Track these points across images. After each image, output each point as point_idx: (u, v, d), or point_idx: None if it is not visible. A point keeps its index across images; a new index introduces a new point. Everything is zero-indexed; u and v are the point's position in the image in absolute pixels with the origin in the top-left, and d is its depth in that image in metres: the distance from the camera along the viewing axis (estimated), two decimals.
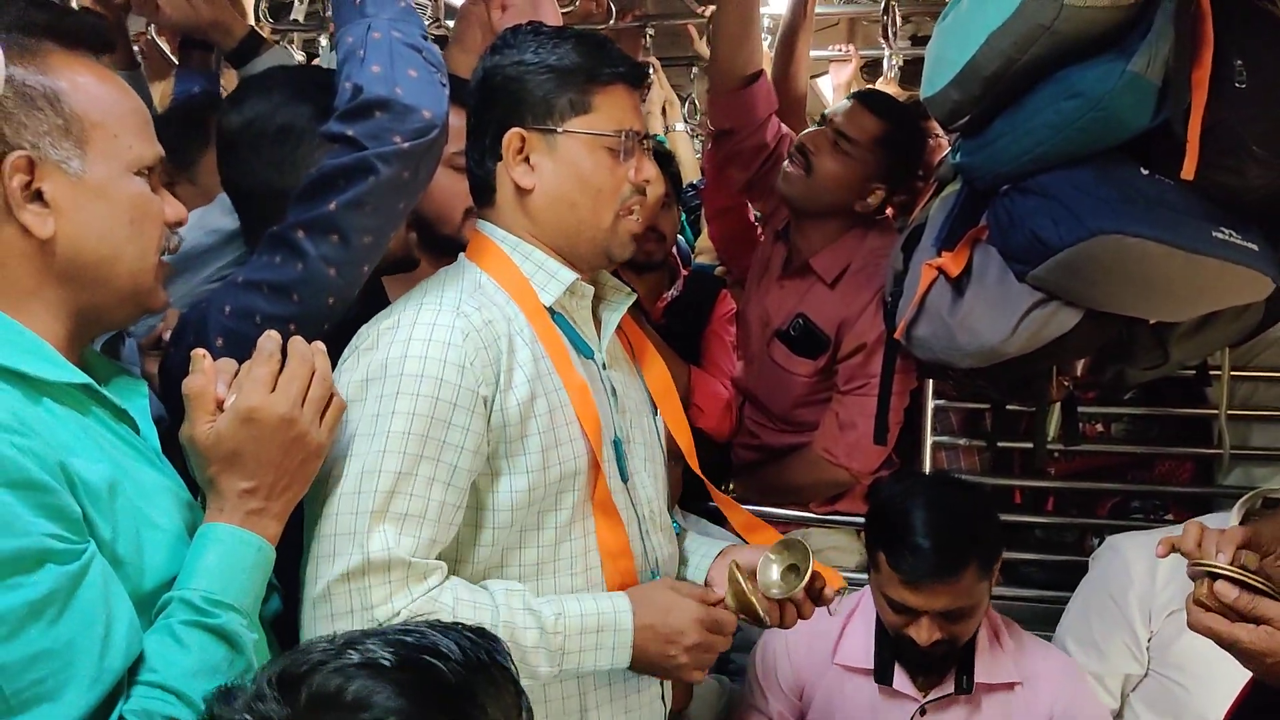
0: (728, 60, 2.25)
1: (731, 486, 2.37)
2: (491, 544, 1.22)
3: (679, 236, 3.08)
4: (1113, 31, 1.51)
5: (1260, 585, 1.05)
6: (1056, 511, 2.36)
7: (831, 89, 3.24)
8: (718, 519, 1.64)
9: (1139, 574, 1.71)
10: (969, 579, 1.60)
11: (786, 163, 2.18)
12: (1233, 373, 2.09)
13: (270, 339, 1.04)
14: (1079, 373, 1.94)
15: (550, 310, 1.29)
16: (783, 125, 2.37)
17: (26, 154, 0.93)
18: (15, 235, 0.94)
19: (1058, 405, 2.08)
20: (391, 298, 1.45)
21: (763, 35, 2.88)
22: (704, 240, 2.90)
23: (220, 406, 1.00)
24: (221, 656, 0.94)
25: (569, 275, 1.29)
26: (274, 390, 1.01)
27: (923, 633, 1.62)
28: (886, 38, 2.41)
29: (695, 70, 3.28)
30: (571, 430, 1.25)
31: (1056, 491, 2.36)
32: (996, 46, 1.53)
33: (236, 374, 1.03)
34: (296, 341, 1.04)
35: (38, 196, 0.94)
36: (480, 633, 0.83)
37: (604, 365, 1.36)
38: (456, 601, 1.14)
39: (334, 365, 1.24)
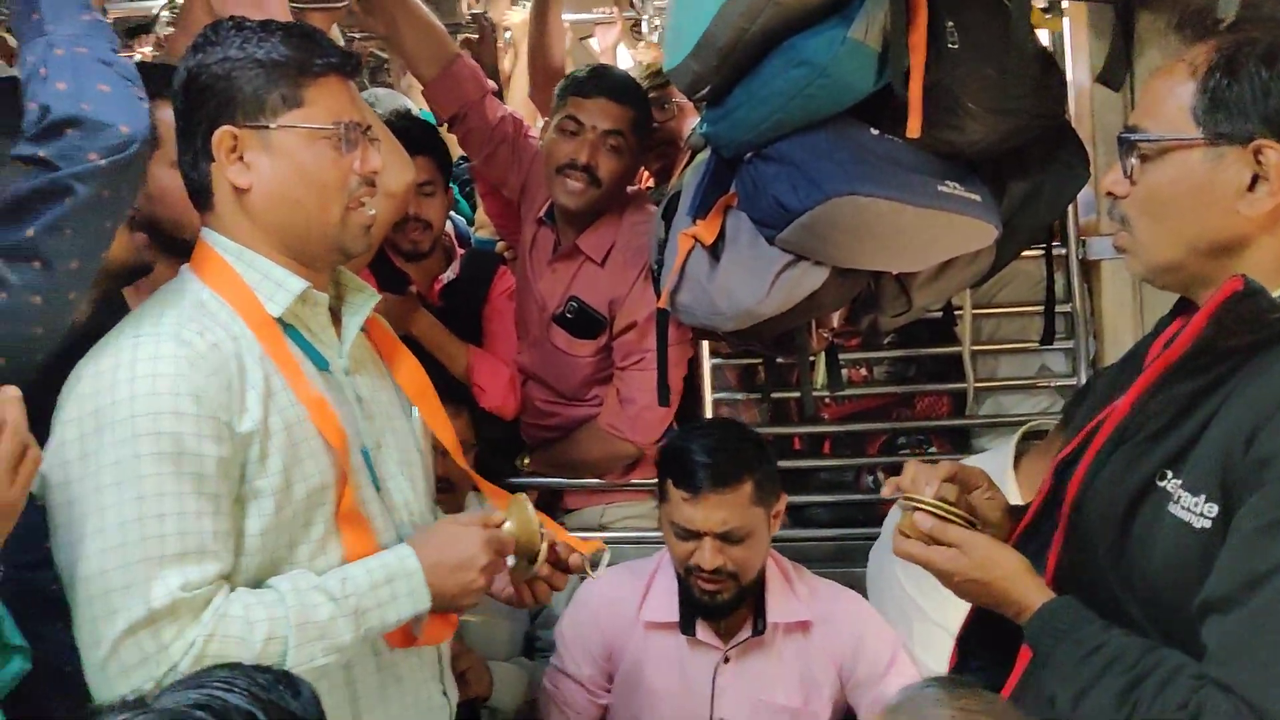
0: (416, 54, 2.25)
1: (527, 462, 2.38)
2: (248, 570, 1.18)
3: (458, 215, 3.02)
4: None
5: (951, 515, 1.17)
6: (833, 454, 2.48)
7: (599, 51, 3.25)
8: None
9: None
10: (745, 496, 1.73)
11: (566, 180, 2.17)
12: (975, 311, 2.25)
13: None
14: (835, 324, 2.04)
15: (281, 321, 1.24)
16: (503, 107, 2.38)
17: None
18: None
19: (822, 354, 2.20)
20: (131, 305, 1.36)
21: (524, 3, 2.85)
22: (482, 215, 2.86)
23: None
24: None
25: (298, 284, 1.25)
26: None
27: (706, 555, 1.72)
28: (633, 4, 2.42)
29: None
30: (312, 445, 1.21)
31: (831, 435, 2.48)
32: (727, 18, 1.56)
33: None
34: None
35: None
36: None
37: (347, 372, 1.32)
38: (246, 608, 1.12)
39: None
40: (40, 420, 1.10)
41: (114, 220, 1.21)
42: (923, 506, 1.17)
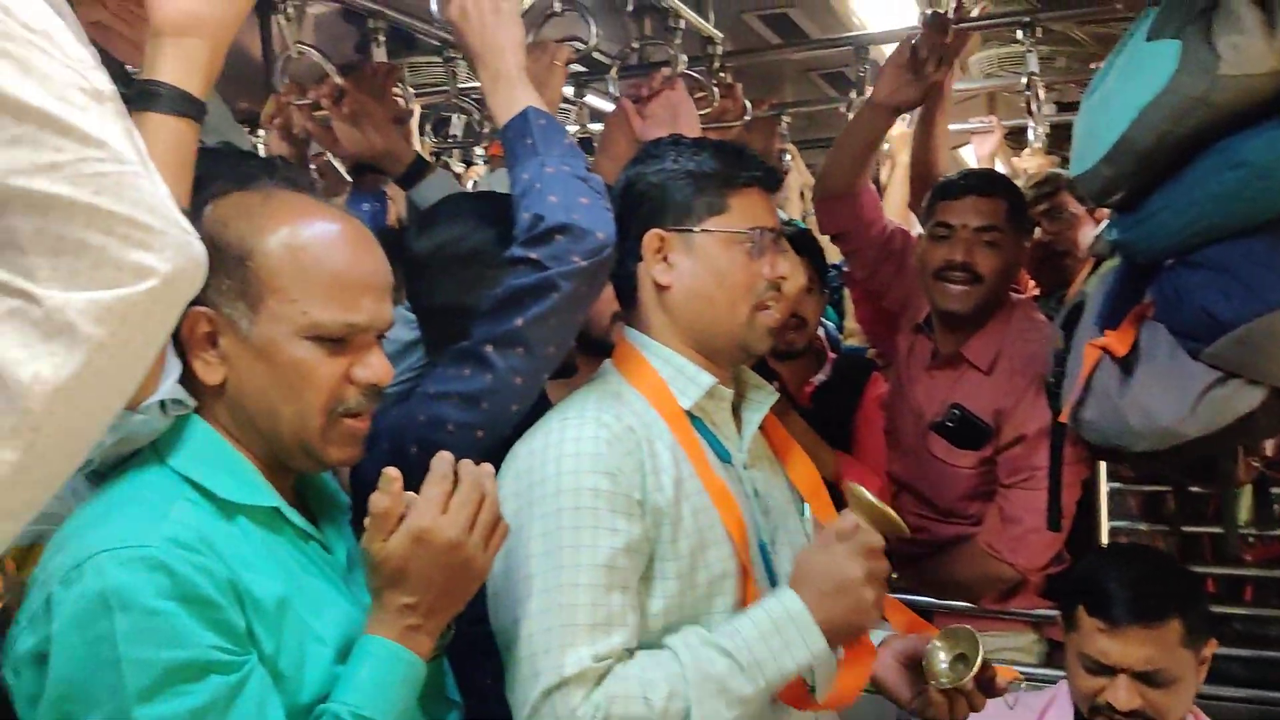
0: (828, 174, 2.31)
1: (894, 576, 2.30)
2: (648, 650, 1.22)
3: (826, 320, 3.07)
4: (1273, 97, 1.44)
5: None
6: (1256, 602, 2.17)
7: (976, 161, 3.19)
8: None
9: None
10: (1172, 635, 1.54)
11: (945, 284, 2.14)
12: None
13: (443, 460, 1.07)
14: (1269, 452, 1.81)
15: (689, 414, 1.32)
16: (892, 221, 2.38)
17: (205, 310, 1.00)
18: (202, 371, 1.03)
19: (1249, 486, 1.95)
20: (553, 399, 1.51)
21: (905, 116, 2.88)
22: (851, 322, 2.88)
23: (397, 524, 1.04)
24: None
25: (707, 379, 1.33)
26: (445, 512, 1.04)
27: (1121, 694, 1.54)
28: (1030, 112, 2.37)
29: None
30: (716, 534, 1.26)
31: (1255, 580, 2.17)
32: (1149, 121, 1.47)
33: None
34: (466, 465, 1.07)
35: (214, 344, 1.02)
36: None
37: (745, 466, 1.37)
38: (643, 669, 1.17)
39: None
40: None
41: (583, 314, 1.36)
42: None
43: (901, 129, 2.88)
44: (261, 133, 2.02)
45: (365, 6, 1.79)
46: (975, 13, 2.24)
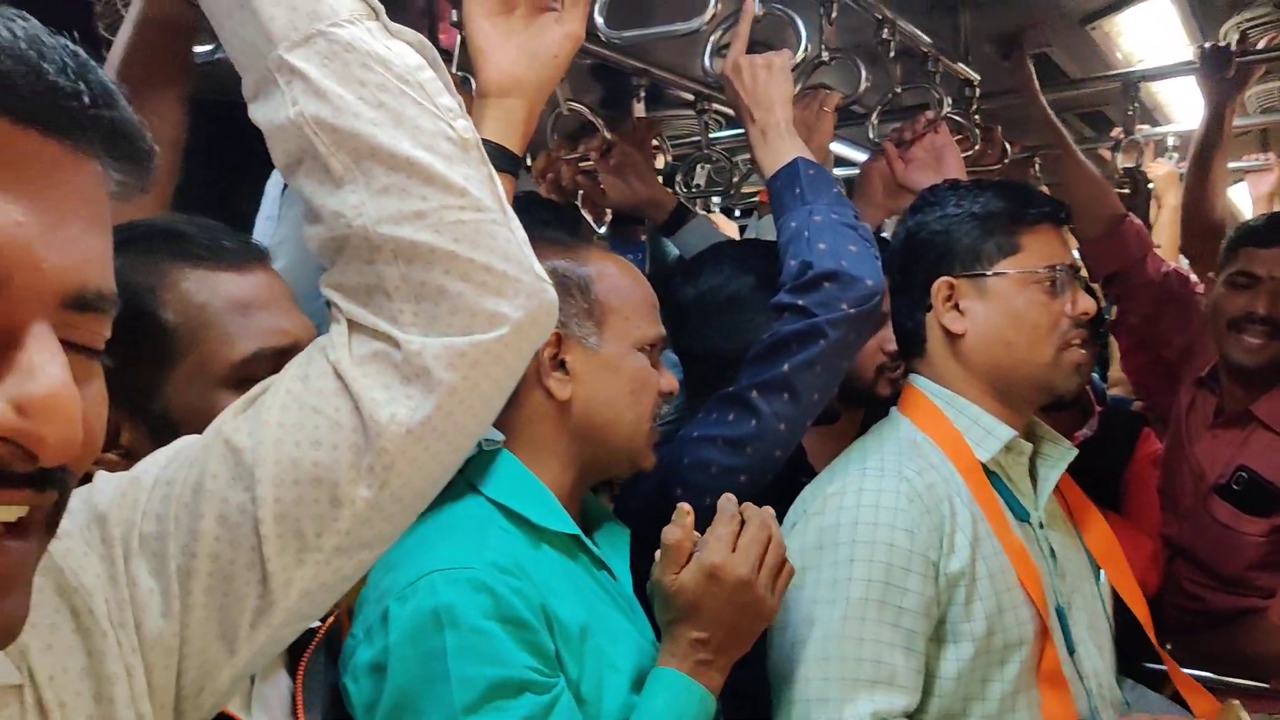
0: (1083, 210, 2.15)
1: (1168, 648, 2.12)
2: (936, 713, 1.18)
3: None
4: None
5: None
6: None
7: (1251, 201, 2.95)
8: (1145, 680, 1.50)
9: None
10: None
11: (1241, 336, 1.98)
12: None
13: (730, 501, 1.09)
14: None
15: (984, 468, 1.27)
16: (1167, 262, 2.22)
17: (557, 331, 1.08)
18: (542, 398, 1.10)
19: None
20: (808, 448, 1.50)
21: (1172, 154, 2.71)
22: (1116, 371, 2.70)
23: (689, 559, 1.07)
24: None
25: (1006, 432, 1.28)
26: (735, 551, 1.05)
27: None
28: None
29: None
30: (1015, 596, 1.20)
31: None
32: None
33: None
34: (751, 507, 1.09)
35: (561, 365, 1.10)
36: None
37: (1041, 525, 1.30)
38: None
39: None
40: None
41: (849, 362, 1.35)
42: None
43: (1167, 168, 2.71)
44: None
45: (631, 65, 1.87)
46: (1262, 44, 2.08)
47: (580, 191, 2.00)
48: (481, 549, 0.99)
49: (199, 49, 1.26)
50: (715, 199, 2.78)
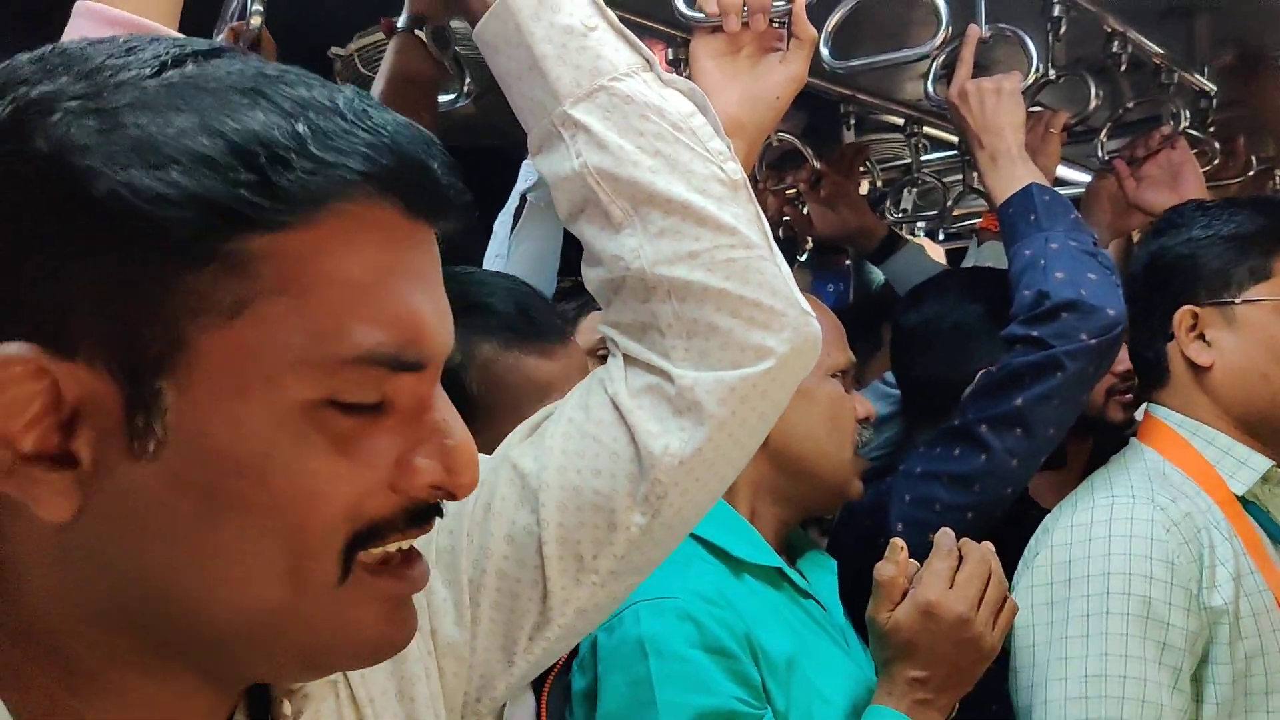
0: None
1: None
2: None
3: None
4: None
5: None
6: None
7: None
8: None
9: None
10: None
11: None
12: None
13: (947, 536, 1.05)
14: None
15: (1242, 500, 1.18)
16: None
17: None
18: None
19: None
20: (1033, 492, 1.42)
21: None
22: None
23: (903, 596, 1.04)
24: None
25: (1262, 462, 1.18)
26: (952, 587, 1.02)
27: None
28: None
29: None
30: (1278, 638, 1.11)
31: None
32: None
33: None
34: (970, 542, 1.05)
35: None
36: None
37: None
38: None
39: None
40: None
41: (1087, 395, 1.28)
42: None
43: None
44: None
45: (838, 92, 1.87)
46: None
47: (786, 220, 2.01)
48: (685, 580, 0.99)
49: (442, 98, 1.35)
50: (921, 224, 2.72)
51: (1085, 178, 2.20)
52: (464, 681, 0.67)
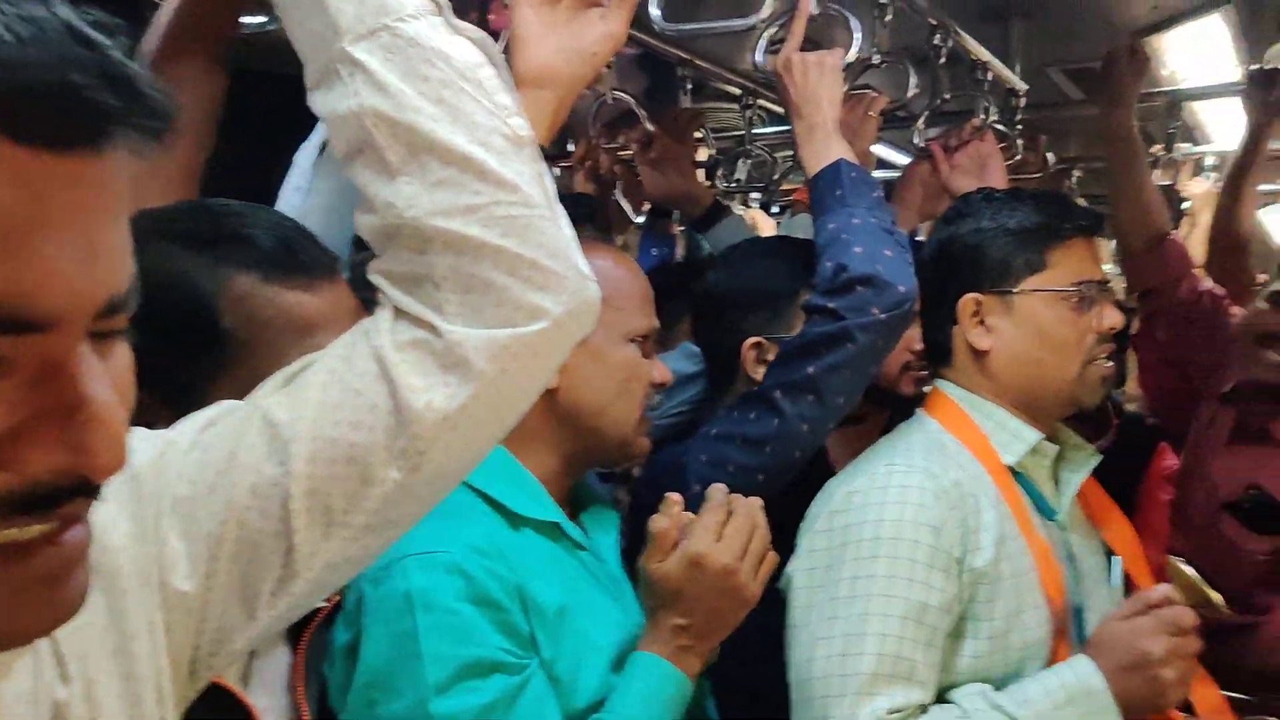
0: (1128, 225, 2.13)
1: None
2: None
3: None
4: None
5: None
6: None
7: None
8: None
9: None
10: None
11: (1268, 353, 1.93)
12: None
13: (718, 490, 1.08)
14: None
15: (1012, 470, 1.25)
16: (1204, 281, 2.15)
17: None
18: None
19: None
20: (831, 450, 1.47)
21: (1209, 174, 2.70)
22: (1133, 386, 2.70)
23: (674, 547, 1.06)
24: None
25: (1033, 435, 1.25)
26: (720, 540, 1.05)
27: None
28: None
29: None
30: (1035, 597, 1.18)
31: None
32: None
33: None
34: (739, 497, 1.08)
35: None
36: None
37: (1062, 527, 1.28)
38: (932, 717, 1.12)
39: (782, 510, 1.25)
40: None
41: (877, 368, 1.32)
42: None
43: (1206, 186, 2.70)
44: (554, 171, 2.15)
45: (678, 56, 1.88)
46: None
47: (618, 181, 2.02)
48: (459, 533, 0.98)
49: (249, 20, 1.25)
50: (755, 195, 2.79)
51: (905, 160, 2.31)
52: (193, 635, 0.64)
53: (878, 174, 2.44)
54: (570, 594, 1.03)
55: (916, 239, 1.77)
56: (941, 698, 1.16)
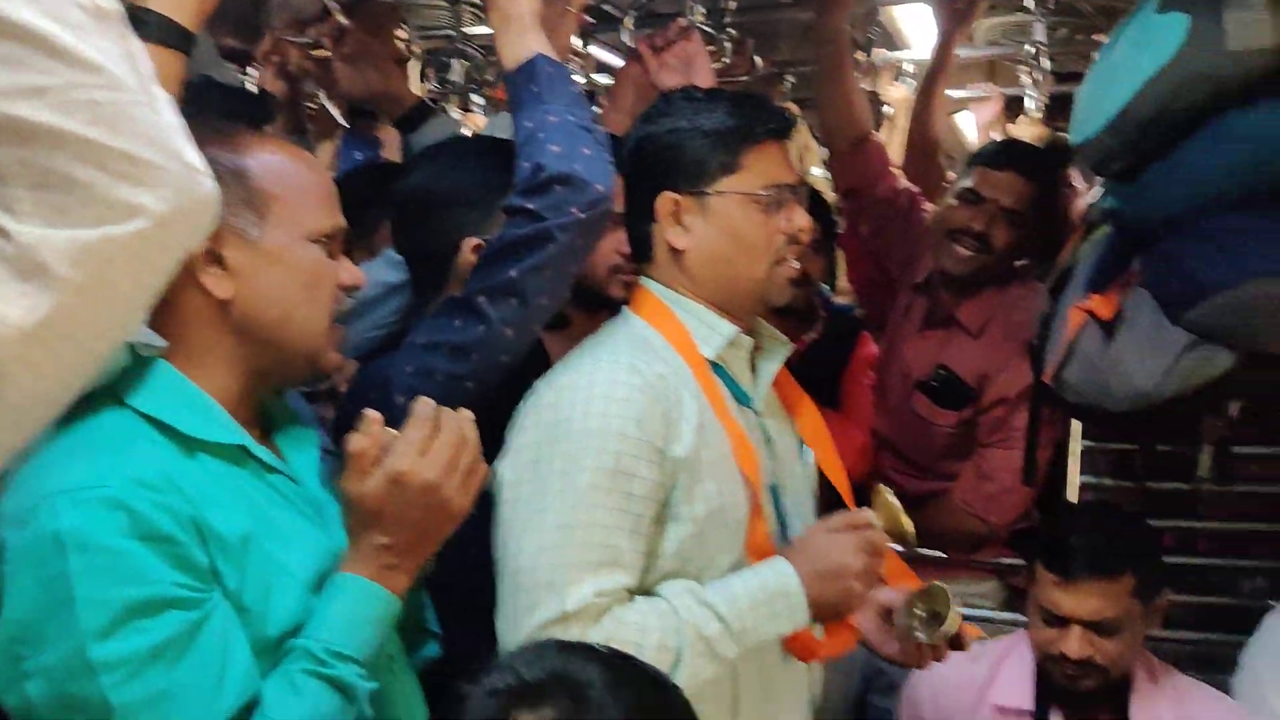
0: (833, 127, 2.27)
1: None
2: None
3: None
4: (1275, 72, 1.46)
5: None
6: (1209, 552, 2.21)
7: (976, 129, 3.19)
8: None
9: None
10: (1123, 587, 1.57)
11: (956, 246, 2.11)
12: None
13: (424, 404, 1.03)
14: (1233, 413, 1.86)
15: (711, 362, 1.29)
16: (901, 180, 2.34)
17: None
18: (197, 296, 0.98)
19: (1212, 446, 2.01)
20: (549, 350, 1.48)
21: (907, 79, 2.88)
22: (843, 281, 2.89)
23: (376, 465, 1.01)
24: (334, 707, 0.95)
25: (729, 329, 1.29)
26: (424, 456, 1.01)
27: (1073, 644, 1.58)
28: (1033, 81, 2.38)
29: None
30: (733, 478, 1.24)
31: (1209, 532, 2.21)
32: (1153, 93, 1.44)
33: None
34: (446, 410, 1.04)
35: (218, 260, 0.98)
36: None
37: (759, 413, 1.34)
38: (641, 615, 1.16)
39: (502, 416, 1.26)
40: None
41: (579, 266, 1.32)
42: None
43: (904, 92, 2.88)
44: (251, 69, 1.96)
45: None
46: None
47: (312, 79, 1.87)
48: (119, 465, 0.90)
49: None
50: (479, 100, 2.69)
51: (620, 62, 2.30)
52: None
53: (599, 79, 2.42)
54: (258, 520, 0.97)
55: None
56: (652, 592, 1.21)
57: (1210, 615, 2.12)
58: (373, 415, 1.01)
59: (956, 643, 1.32)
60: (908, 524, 1.27)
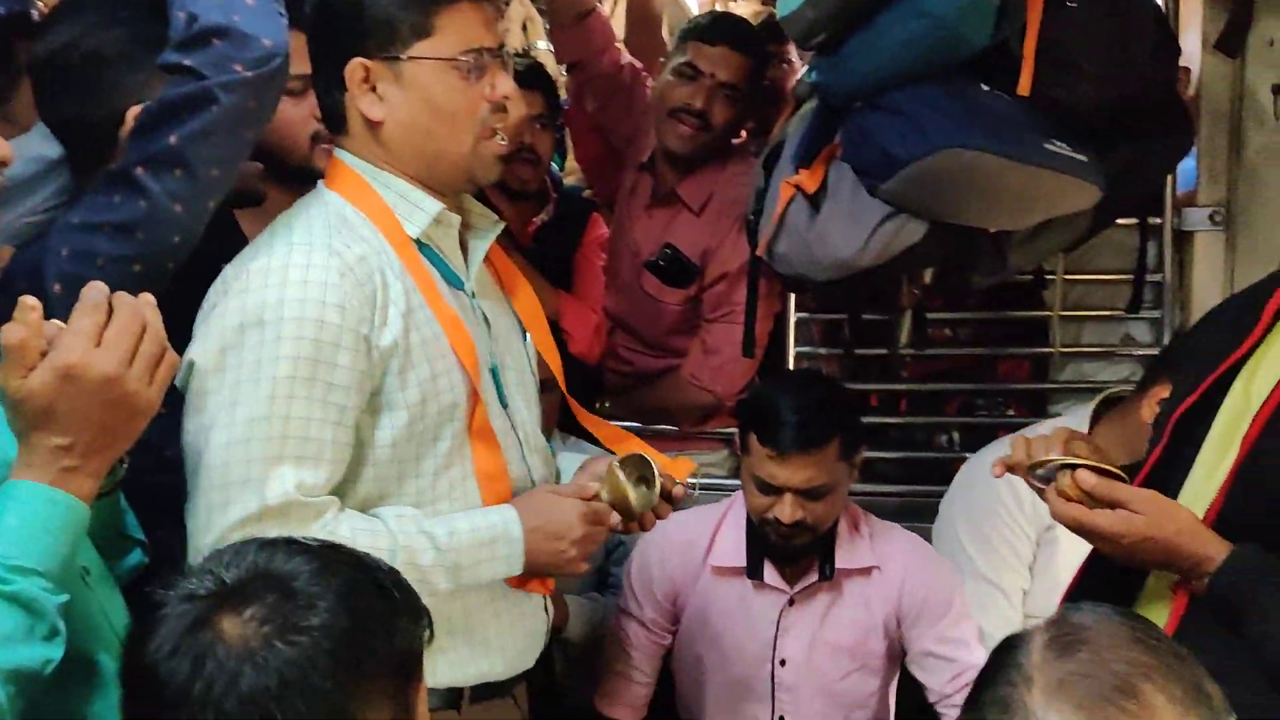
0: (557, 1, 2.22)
1: (606, 405, 2.39)
2: (372, 480, 1.18)
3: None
4: None
5: (1114, 470, 1.09)
6: (910, 412, 2.45)
7: (696, 4, 3.20)
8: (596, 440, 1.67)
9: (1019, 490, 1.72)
10: (830, 454, 1.67)
11: (677, 124, 2.12)
12: (1065, 276, 2.17)
13: (96, 289, 0.93)
14: (927, 280, 2.02)
15: (417, 242, 1.22)
16: (625, 54, 2.33)
17: None
18: None
19: (909, 312, 2.18)
20: (246, 231, 1.37)
21: None
22: (571, 161, 2.86)
23: (42, 358, 0.90)
24: (17, 623, 0.87)
25: (434, 205, 1.22)
26: (99, 345, 0.91)
27: (786, 510, 1.67)
28: None
29: None
30: (447, 362, 1.20)
31: (909, 393, 2.44)
32: None
33: None
34: (123, 295, 0.94)
35: None
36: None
37: (473, 294, 1.30)
38: (354, 532, 1.11)
39: (191, 302, 1.17)
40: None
41: (254, 132, 1.20)
42: (1083, 464, 1.08)
43: None
44: None
45: None
46: None
47: None
48: None
49: None
50: None
51: None
52: None
53: None
54: None
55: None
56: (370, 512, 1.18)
57: (913, 469, 2.34)
58: (30, 301, 0.90)
59: (671, 500, 1.36)
60: (636, 498, 1.29)
